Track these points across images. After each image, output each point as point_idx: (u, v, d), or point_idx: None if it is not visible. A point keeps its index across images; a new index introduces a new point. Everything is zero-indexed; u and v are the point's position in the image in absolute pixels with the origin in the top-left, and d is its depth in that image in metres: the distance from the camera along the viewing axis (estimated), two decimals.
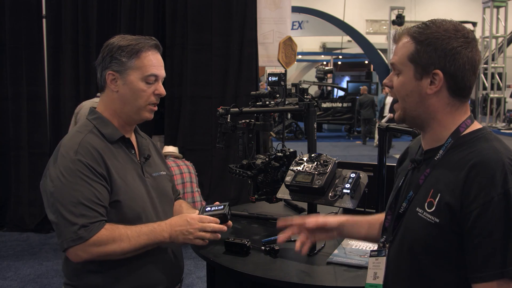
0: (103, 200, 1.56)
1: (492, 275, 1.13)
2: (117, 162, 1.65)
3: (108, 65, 1.66)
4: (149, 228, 1.60)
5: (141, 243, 1.57)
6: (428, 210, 1.24)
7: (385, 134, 2.26)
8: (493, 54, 12.29)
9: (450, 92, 1.26)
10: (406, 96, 1.30)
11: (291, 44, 4.51)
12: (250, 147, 2.45)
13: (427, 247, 1.24)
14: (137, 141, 1.80)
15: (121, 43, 1.66)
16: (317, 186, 1.80)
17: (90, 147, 1.59)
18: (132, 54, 1.64)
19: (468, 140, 1.26)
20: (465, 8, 20.48)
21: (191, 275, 4.23)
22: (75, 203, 1.51)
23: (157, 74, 1.69)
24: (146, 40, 1.69)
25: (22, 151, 5.38)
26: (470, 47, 1.24)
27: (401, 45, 1.30)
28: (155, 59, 1.69)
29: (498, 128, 8.08)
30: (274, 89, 2.48)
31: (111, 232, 1.54)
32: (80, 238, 1.50)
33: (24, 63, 5.37)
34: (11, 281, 4.07)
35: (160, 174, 1.82)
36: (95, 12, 5.38)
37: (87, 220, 1.51)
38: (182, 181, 4.66)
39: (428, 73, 1.25)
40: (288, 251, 1.96)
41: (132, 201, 1.63)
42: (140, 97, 1.66)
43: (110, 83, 1.67)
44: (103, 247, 1.53)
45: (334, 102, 15.36)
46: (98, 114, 1.71)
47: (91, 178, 1.55)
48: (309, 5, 16.40)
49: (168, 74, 6.58)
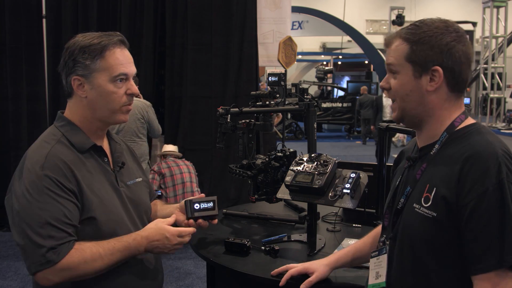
0: (72, 218, 1.42)
1: (490, 265, 1.15)
2: (89, 174, 1.50)
3: (72, 70, 1.51)
4: (123, 244, 1.48)
5: (115, 260, 1.47)
6: (424, 205, 1.26)
7: (385, 134, 2.26)
8: (493, 54, 12.28)
9: (449, 87, 1.29)
10: (406, 96, 1.31)
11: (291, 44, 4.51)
12: (250, 147, 2.45)
13: (426, 242, 1.26)
14: (110, 147, 1.65)
15: (82, 43, 1.51)
16: (317, 186, 1.80)
17: (58, 160, 1.45)
18: (96, 55, 1.49)
19: (462, 134, 1.28)
20: (465, 8, 20.47)
21: (191, 275, 4.23)
22: (42, 223, 1.38)
23: (126, 72, 1.53)
24: (109, 36, 1.53)
25: (22, 151, 5.31)
26: (463, 41, 1.27)
27: (394, 48, 1.32)
28: (121, 56, 1.53)
29: (498, 128, 8.07)
30: (274, 89, 2.48)
31: (81, 253, 1.41)
32: (49, 261, 1.37)
33: (24, 63, 5.37)
34: (11, 281, 4.07)
35: (136, 182, 1.68)
36: (95, 12, 5.39)
37: (55, 241, 1.38)
38: (182, 181, 4.65)
39: (427, 71, 1.27)
40: (288, 251, 1.96)
41: (107, 217, 1.50)
42: (112, 100, 1.52)
43: (77, 89, 1.52)
44: (74, 270, 1.41)
45: (334, 102, 15.36)
46: (67, 121, 1.55)
47: (60, 195, 1.41)
48: (309, 5, 16.39)
49: (168, 74, 6.56)
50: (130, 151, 1.78)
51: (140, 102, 4.65)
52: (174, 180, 4.61)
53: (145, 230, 1.55)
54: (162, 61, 5.69)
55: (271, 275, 1.72)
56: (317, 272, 1.62)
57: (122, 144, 1.72)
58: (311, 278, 1.61)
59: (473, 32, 15.24)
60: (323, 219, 2.40)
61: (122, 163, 1.64)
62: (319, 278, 1.61)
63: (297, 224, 2.31)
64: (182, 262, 4.52)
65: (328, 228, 2.27)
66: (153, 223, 1.59)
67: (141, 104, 4.67)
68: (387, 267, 1.39)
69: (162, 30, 5.62)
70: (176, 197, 4.61)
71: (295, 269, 1.66)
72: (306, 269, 1.65)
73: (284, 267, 1.71)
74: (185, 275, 4.23)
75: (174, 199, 4.60)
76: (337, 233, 2.22)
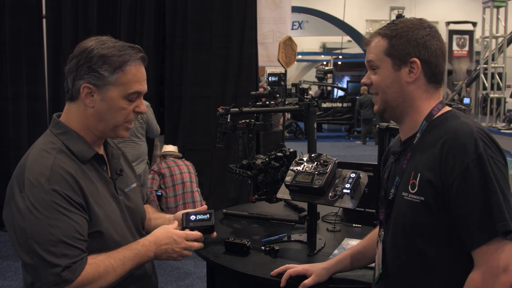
0: (83, 233, 1.37)
1: (485, 237, 1.19)
2: (91, 186, 1.44)
3: (84, 76, 1.41)
4: (133, 252, 1.45)
5: (127, 269, 1.43)
6: (411, 191, 1.31)
7: (385, 134, 2.26)
8: (493, 54, 12.28)
9: (426, 78, 1.36)
10: (387, 88, 1.38)
11: (291, 44, 4.51)
12: (250, 147, 2.45)
13: (417, 226, 1.30)
14: (106, 153, 1.59)
15: (103, 51, 1.41)
16: (317, 186, 1.80)
17: (64, 172, 1.37)
18: (116, 68, 1.41)
19: (440, 121, 1.34)
20: (465, 8, 20.45)
21: (191, 275, 4.23)
22: (55, 241, 1.31)
23: (140, 91, 1.47)
24: (132, 50, 1.46)
25: (22, 151, 5.33)
26: (437, 36, 1.37)
27: (374, 45, 1.40)
28: (140, 73, 1.46)
29: (498, 128, 8.06)
30: (274, 89, 2.48)
31: (96, 268, 1.36)
32: (65, 281, 1.30)
33: (24, 63, 5.37)
34: (11, 281, 4.07)
35: (132, 188, 1.64)
36: (95, 12, 5.39)
37: (70, 260, 1.31)
38: (182, 181, 4.65)
39: (405, 63, 1.35)
40: (288, 251, 1.96)
41: (112, 229, 1.46)
42: (119, 115, 1.46)
43: (85, 97, 1.43)
44: (90, 285, 1.35)
45: (334, 102, 15.36)
46: (65, 128, 1.47)
47: (69, 210, 1.34)
48: (309, 5, 16.39)
49: (168, 74, 6.56)
50: (123, 155, 1.72)
51: None
52: (174, 180, 4.61)
53: (152, 235, 1.53)
54: (162, 61, 5.69)
55: (271, 275, 1.72)
56: (314, 275, 1.63)
57: (117, 150, 1.67)
58: (308, 281, 1.62)
59: (473, 32, 15.24)
60: (323, 219, 2.40)
61: (120, 170, 1.59)
62: (316, 281, 1.62)
63: (297, 224, 2.31)
64: (182, 262, 4.52)
65: (328, 228, 2.27)
66: (160, 228, 1.57)
67: None
68: (381, 256, 1.42)
69: (162, 30, 5.62)
70: (176, 197, 4.61)
71: (294, 270, 1.67)
72: (305, 270, 1.66)
73: (283, 267, 1.71)
74: (185, 275, 4.23)
75: (174, 199, 4.60)
76: (337, 233, 2.22)
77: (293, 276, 1.66)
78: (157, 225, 1.69)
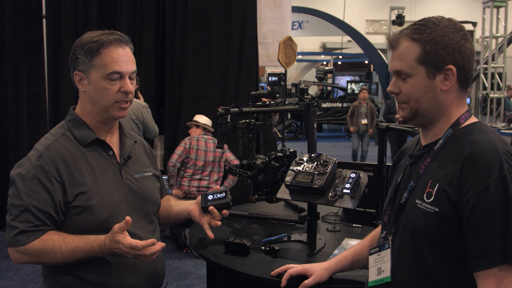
0: (55, 208, 1.54)
1: (493, 261, 1.14)
2: (88, 166, 1.61)
3: (75, 65, 1.63)
4: (87, 247, 1.54)
5: (77, 257, 1.54)
6: (427, 201, 1.26)
7: (385, 134, 2.26)
8: (493, 54, 12.28)
9: (459, 84, 1.30)
10: (420, 97, 1.31)
11: (291, 44, 4.50)
12: (250, 147, 2.45)
13: (427, 238, 1.26)
14: (120, 141, 1.75)
15: (84, 40, 1.61)
16: (317, 186, 1.80)
17: (55, 153, 1.57)
18: (92, 52, 1.58)
19: (464, 132, 1.29)
20: (465, 8, 20.45)
21: (191, 275, 4.23)
22: (24, 208, 1.52)
23: (119, 71, 1.59)
24: (108, 35, 1.61)
25: (22, 151, 5.36)
26: (469, 39, 1.30)
27: (403, 50, 1.30)
28: (117, 54, 1.59)
29: (498, 128, 8.07)
30: (274, 89, 2.48)
31: (43, 244, 1.52)
32: (17, 242, 1.52)
33: (24, 63, 5.37)
34: (11, 281, 4.07)
35: (144, 176, 1.76)
36: (95, 12, 5.39)
37: (28, 226, 1.52)
38: (204, 159, 4.80)
39: (440, 71, 1.28)
40: (288, 251, 1.96)
41: (102, 206, 1.58)
42: (105, 96, 1.60)
43: (78, 84, 1.65)
44: (35, 256, 1.54)
45: (334, 102, 15.35)
46: (74, 116, 1.68)
47: (47, 187, 1.53)
48: (309, 5, 16.38)
49: (168, 74, 6.56)
50: (144, 147, 1.87)
51: (134, 103, 4.65)
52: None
53: (108, 238, 1.54)
54: (162, 61, 5.69)
55: (271, 275, 1.72)
56: (315, 275, 1.62)
57: (133, 139, 1.79)
58: (308, 281, 1.61)
59: (473, 32, 15.23)
60: (323, 219, 2.40)
61: (128, 157, 1.72)
62: (316, 281, 1.61)
63: (297, 224, 2.31)
64: (182, 262, 4.52)
65: (328, 228, 2.27)
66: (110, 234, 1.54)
67: (136, 105, 4.69)
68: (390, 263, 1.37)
69: (162, 30, 5.62)
70: (195, 172, 4.80)
71: (294, 270, 1.67)
72: (306, 270, 1.65)
73: (283, 267, 1.71)
74: (185, 275, 4.23)
75: (193, 171, 4.80)
76: (337, 233, 2.22)
77: (294, 276, 1.66)
78: (177, 211, 1.90)
